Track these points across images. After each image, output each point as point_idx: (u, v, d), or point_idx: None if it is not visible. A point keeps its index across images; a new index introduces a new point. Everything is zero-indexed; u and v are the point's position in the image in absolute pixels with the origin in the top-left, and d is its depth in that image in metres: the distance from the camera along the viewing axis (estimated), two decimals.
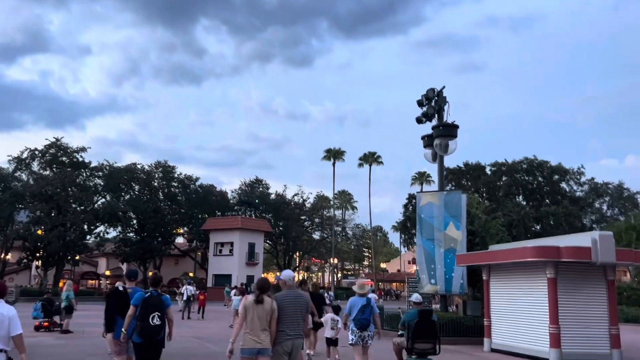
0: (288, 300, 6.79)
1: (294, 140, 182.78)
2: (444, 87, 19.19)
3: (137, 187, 60.50)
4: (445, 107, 19.33)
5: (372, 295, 12.66)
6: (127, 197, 58.91)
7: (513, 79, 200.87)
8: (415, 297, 10.65)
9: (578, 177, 59.51)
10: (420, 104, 19.85)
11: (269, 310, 6.57)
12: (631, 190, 58.88)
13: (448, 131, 18.66)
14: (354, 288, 9.93)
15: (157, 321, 7.35)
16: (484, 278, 16.12)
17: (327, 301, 30.82)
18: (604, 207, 60.46)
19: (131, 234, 59.00)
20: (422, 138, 20.20)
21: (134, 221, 58.77)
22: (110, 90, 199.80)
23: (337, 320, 11.51)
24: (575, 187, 60.13)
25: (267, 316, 6.54)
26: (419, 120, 19.85)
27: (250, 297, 6.71)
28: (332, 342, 11.48)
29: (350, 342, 9.66)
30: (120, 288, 8.91)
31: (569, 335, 13.03)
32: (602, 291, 13.42)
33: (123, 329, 7.80)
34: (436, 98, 19.37)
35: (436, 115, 19.55)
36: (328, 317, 11.65)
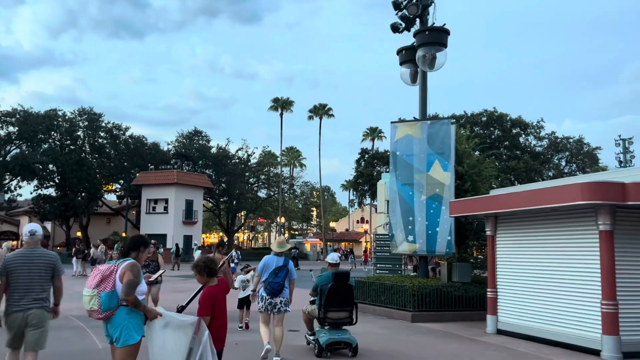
0: (19, 261, 5.41)
1: (241, 100, 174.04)
2: None
3: (57, 137, 53.31)
4: (431, 9, 14.50)
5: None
6: (46, 146, 51.73)
7: (463, 40, 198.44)
8: (332, 257, 9.25)
9: (538, 131, 56.65)
10: (396, 5, 14.90)
11: None
12: (591, 145, 56.58)
13: (436, 37, 13.86)
14: (272, 246, 8.52)
15: None
16: (488, 233, 11.70)
17: (236, 260, 27.12)
18: (563, 162, 58.09)
19: (51, 189, 52.21)
20: (399, 52, 15.33)
21: (55, 175, 51.93)
22: (47, 43, 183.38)
23: (247, 281, 11.00)
24: (534, 142, 57.34)
25: None
26: (395, 28, 14.94)
27: None
28: (245, 303, 11.15)
29: (259, 308, 8.21)
30: None
31: (629, 315, 8.79)
32: None
33: None
34: None
35: (418, 20, 14.70)
36: (238, 279, 11.36)
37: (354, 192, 70.44)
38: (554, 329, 9.73)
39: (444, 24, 13.97)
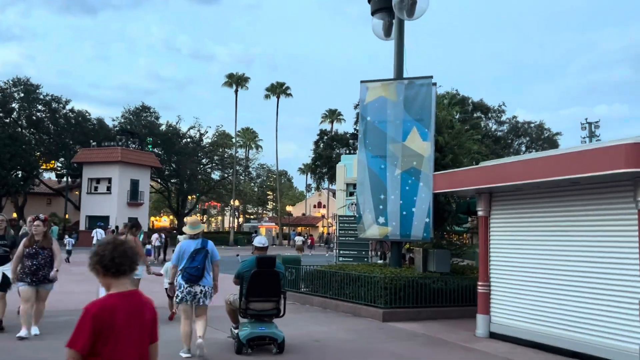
0: None
1: (197, 82, 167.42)
2: None
3: None
4: None
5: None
6: None
7: (426, 33, 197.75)
8: (258, 240, 8.07)
9: (499, 115, 55.67)
10: None
11: None
12: (552, 131, 56.00)
13: None
14: (184, 228, 7.39)
15: None
16: (480, 213, 9.52)
17: (158, 243, 25.21)
18: (522, 148, 57.35)
19: None
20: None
21: None
22: None
23: None
24: (495, 126, 56.33)
25: None
26: None
27: None
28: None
29: (177, 300, 7.21)
30: None
31: None
32: None
33: None
34: None
35: None
36: (167, 265, 10.10)
37: (312, 175, 68.21)
38: (571, 335, 7.62)
39: None
